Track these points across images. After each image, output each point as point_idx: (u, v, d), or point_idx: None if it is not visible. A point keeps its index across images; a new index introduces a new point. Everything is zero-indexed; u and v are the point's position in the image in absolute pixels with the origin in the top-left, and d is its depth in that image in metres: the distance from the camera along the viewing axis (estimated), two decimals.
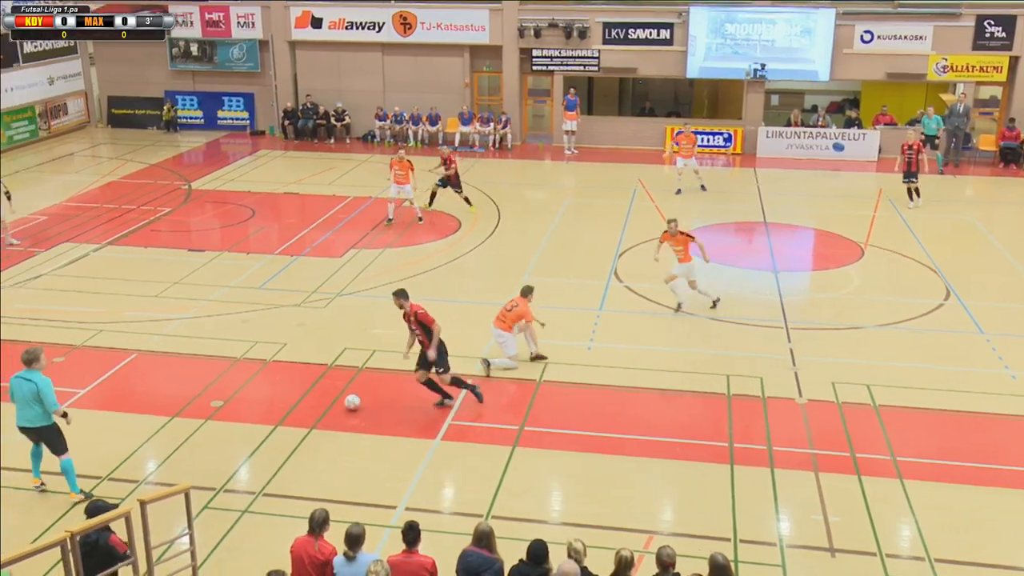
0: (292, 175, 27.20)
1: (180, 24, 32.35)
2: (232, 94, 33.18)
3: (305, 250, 20.58)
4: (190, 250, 20.60)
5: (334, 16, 31.33)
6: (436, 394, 13.74)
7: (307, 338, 15.90)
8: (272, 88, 32.48)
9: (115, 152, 30.39)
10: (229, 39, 32.34)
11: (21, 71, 30.73)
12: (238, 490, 11.67)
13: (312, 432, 12.98)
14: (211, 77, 33.04)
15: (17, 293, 18.02)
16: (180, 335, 16.02)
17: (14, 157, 29.44)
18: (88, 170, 27.98)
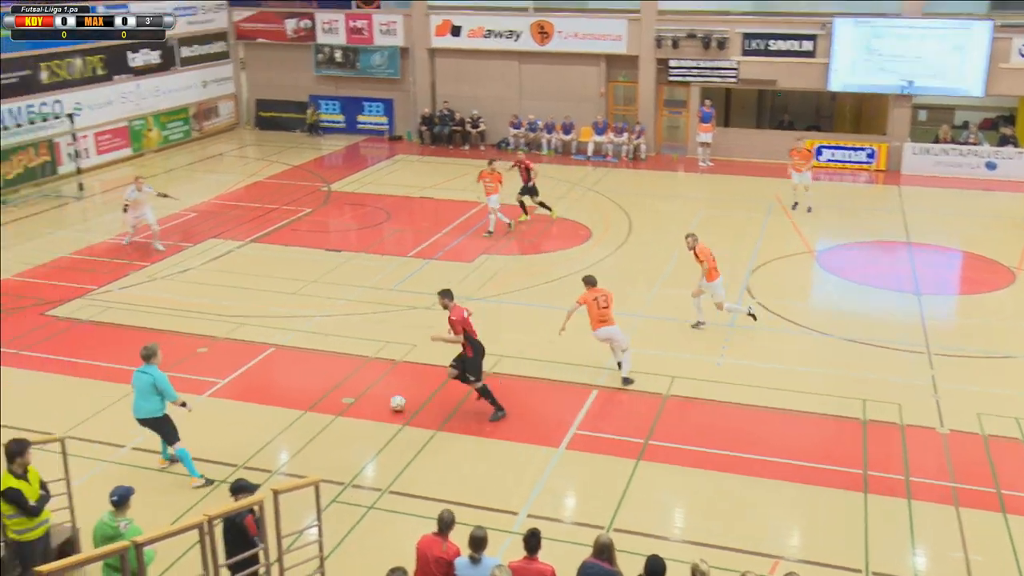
0: (427, 180, 27.66)
1: (326, 31, 33.40)
2: (372, 99, 33.99)
3: (437, 254, 20.88)
4: (328, 250, 21.17)
5: (473, 25, 31.75)
6: (491, 406, 13.57)
7: (421, 340, 16.08)
8: (411, 94, 33.13)
9: (261, 153, 31.53)
10: (371, 46, 33.16)
11: (178, 75, 32.23)
12: (365, 486, 11.90)
13: (438, 434, 13.14)
14: (353, 83, 33.93)
15: (167, 285, 18.87)
16: (316, 332, 16.46)
17: (168, 156, 30.88)
18: (235, 170, 29.11)
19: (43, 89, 26.80)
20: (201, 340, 16.15)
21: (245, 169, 29.32)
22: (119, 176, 28.26)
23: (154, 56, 30.99)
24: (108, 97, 29.20)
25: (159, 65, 31.27)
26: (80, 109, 27.82)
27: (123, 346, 15.91)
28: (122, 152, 29.87)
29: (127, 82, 29.91)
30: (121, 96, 29.72)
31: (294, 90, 34.49)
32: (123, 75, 29.74)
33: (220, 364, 15.24)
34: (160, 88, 31.36)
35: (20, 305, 17.74)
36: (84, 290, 18.49)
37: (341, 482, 11.89)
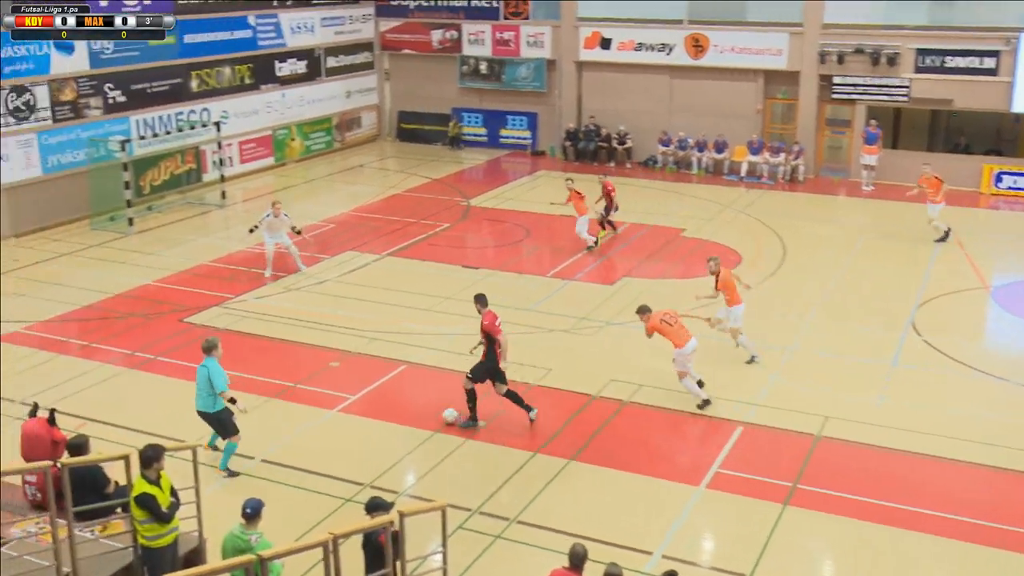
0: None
1: (472, 43, 33.94)
2: (516, 113, 34.29)
3: (577, 275, 20.81)
4: (465, 266, 21.39)
5: (624, 37, 31.67)
6: (522, 409, 14.01)
7: (573, 365, 16.02)
8: (556, 108, 33.28)
9: (401, 166, 32.23)
10: (517, 58, 33.49)
11: (323, 85, 33.30)
12: (493, 514, 11.88)
13: (571, 463, 13.02)
14: (497, 95, 34.33)
15: (303, 296, 19.43)
16: (449, 350, 16.61)
17: (310, 166, 31.91)
18: (375, 182, 29.82)
19: (192, 97, 28.13)
20: (334, 354, 16.52)
21: (385, 181, 30.00)
22: (260, 185, 29.35)
23: (300, 66, 32.13)
24: (254, 106, 30.41)
25: (305, 75, 32.40)
26: (227, 117, 29.05)
27: (256, 357, 16.43)
28: (265, 161, 31.03)
29: (273, 91, 31.09)
30: (267, 105, 30.90)
31: (437, 102, 35.14)
32: (270, 84, 30.93)
33: (351, 379, 15.54)
34: (305, 98, 32.48)
35: (159, 311, 18.56)
36: (221, 298, 19.20)
37: (468, 508, 11.91)
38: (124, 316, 18.35)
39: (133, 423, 13.93)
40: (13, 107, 23.27)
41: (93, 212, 24.66)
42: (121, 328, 17.77)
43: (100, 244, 23.09)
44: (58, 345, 17.02)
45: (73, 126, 24.71)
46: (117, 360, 16.39)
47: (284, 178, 30.25)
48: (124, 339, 17.30)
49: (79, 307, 18.86)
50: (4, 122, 23.12)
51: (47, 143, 24.15)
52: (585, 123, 32.58)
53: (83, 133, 24.92)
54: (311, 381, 15.48)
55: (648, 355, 16.40)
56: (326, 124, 33.67)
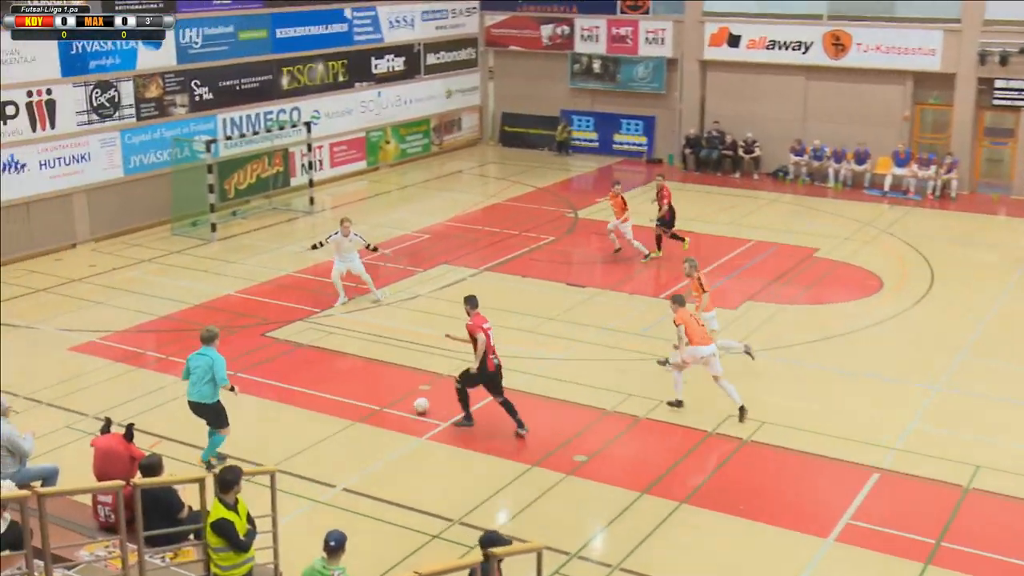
0: (688, 211, 27.46)
1: (585, 39, 34.07)
2: (631, 117, 34.26)
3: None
4: (569, 284, 21.43)
5: (755, 34, 31.40)
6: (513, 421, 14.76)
7: (687, 397, 15.90)
8: (676, 112, 33.15)
9: (503, 172, 32.49)
10: (635, 56, 33.48)
11: (421, 83, 33.83)
12: (593, 559, 11.86)
13: (682, 506, 12.92)
14: (611, 97, 34.37)
15: (393, 312, 19.74)
16: (549, 376, 16.66)
17: (404, 171, 32.42)
18: (474, 190, 30.12)
19: (282, 95, 28.89)
20: (424, 376, 16.73)
21: (485, 189, 30.27)
22: (351, 191, 29.94)
23: (398, 63, 32.70)
24: (347, 105, 31.06)
25: (402, 72, 32.97)
26: (318, 117, 29.75)
27: (342, 376, 16.74)
28: (357, 165, 31.65)
29: (368, 90, 31.72)
30: (361, 104, 31.54)
31: (544, 103, 35.35)
32: (364, 82, 31.56)
33: (442, 404, 15.72)
34: (402, 97, 33.04)
35: (241, 323, 19.08)
36: (306, 312, 19.64)
37: (566, 551, 11.91)
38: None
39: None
40: (97, 104, 24.27)
41: (174, 216, 25.51)
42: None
43: (181, 251, 23.86)
44: (134, 357, 17.63)
45: (157, 124, 25.64)
46: None
47: (376, 184, 30.81)
48: None
49: (157, 317, 19.51)
50: (88, 119, 24.12)
51: (130, 142, 25.11)
52: (708, 129, 32.37)
53: (167, 132, 25.83)
54: (399, 405, 15.70)
55: (773, 391, 16.17)
56: (423, 126, 34.18)
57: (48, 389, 16.27)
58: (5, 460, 11.38)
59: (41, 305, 20.27)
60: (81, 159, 24.11)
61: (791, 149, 30.97)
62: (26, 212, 23.15)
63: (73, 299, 20.56)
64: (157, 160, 25.69)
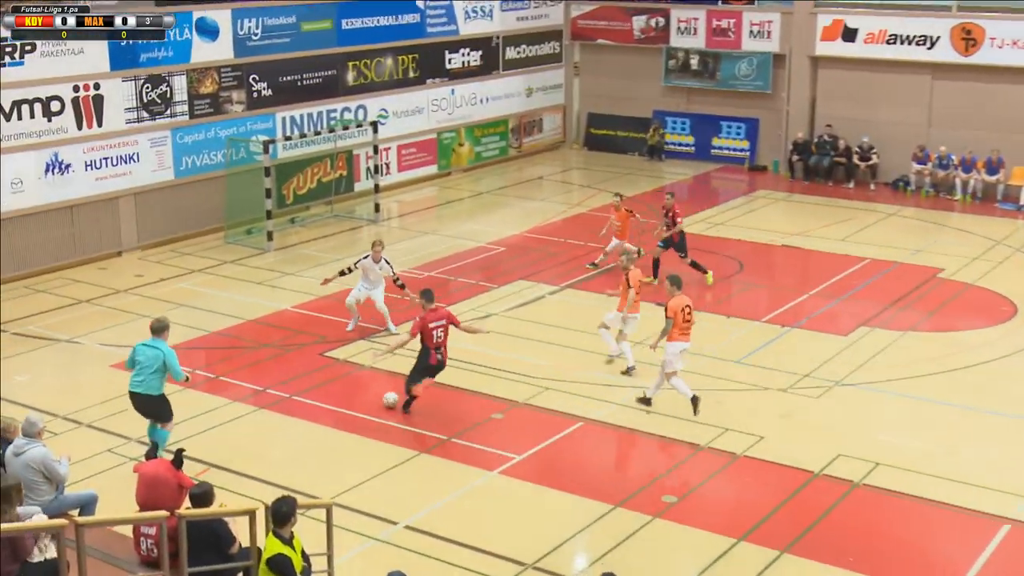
0: (795, 224, 27.21)
1: (682, 32, 33.97)
2: (732, 119, 34.04)
3: (801, 320, 20.43)
4: (660, 304, 21.29)
5: (873, 27, 31.02)
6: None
7: (792, 433, 15.70)
8: (782, 114, 32.86)
9: (588, 179, 32.48)
10: (737, 51, 33.28)
11: (500, 80, 34.00)
12: None
13: (783, 555, 12.74)
14: (709, 97, 34.19)
15: (462, 333, 19.76)
16: (635, 406, 16.56)
17: (478, 177, 32.57)
18: (556, 198, 30.14)
19: (347, 92, 29.24)
20: (497, 404, 16.74)
21: (567, 197, 30.27)
22: (420, 198, 30.16)
23: (475, 57, 32.90)
24: (417, 103, 31.33)
25: (479, 68, 33.17)
26: (386, 117, 30.06)
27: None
28: (426, 169, 31.88)
29: (441, 87, 31.97)
30: (432, 103, 31.79)
31: (635, 103, 35.30)
32: (437, 78, 31.81)
33: (516, 435, 15.70)
34: (478, 95, 33.24)
35: (297, 342, 19.29)
36: (369, 330, 19.78)
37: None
38: (257, 346, 19.14)
39: (261, 472, 14.48)
40: (148, 100, 24.78)
41: (228, 223, 25.92)
42: (253, 359, 18.55)
43: (234, 260, 24.23)
44: None
45: (211, 123, 26.11)
46: (247, 397, 17.12)
47: (448, 190, 30.98)
48: (256, 373, 18.05)
49: (206, 333, 19.80)
50: (137, 117, 24.64)
51: (182, 142, 25.60)
52: (819, 133, 32.04)
53: (222, 131, 26.30)
54: (469, 435, 15.72)
55: (889, 427, 15.91)
56: (501, 127, 34.34)
57: (89, 409, 16.60)
58: (39, 486, 11.59)
59: (83, 317, 20.71)
60: (129, 160, 24.64)
61: (913, 157, 30.47)
62: (70, 216, 23.72)
63: (117, 311, 20.98)
64: (210, 162, 26.16)
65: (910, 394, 17.20)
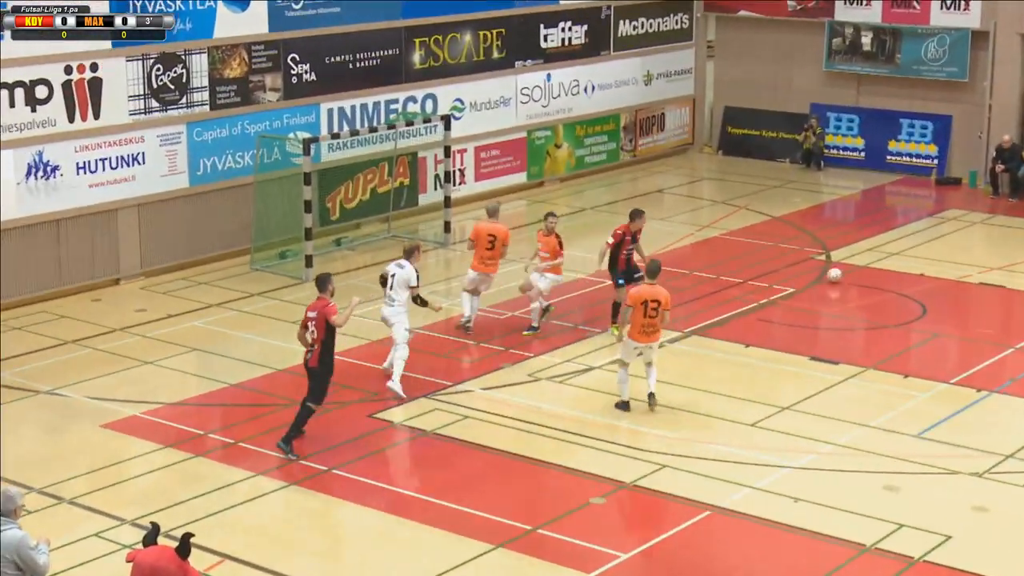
0: (998, 255, 26.83)
1: (850, 4, 33.76)
2: (916, 116, 33.76)
3: (1004, 383, 20.13)
4: (813, 358, 21.10)
5: None
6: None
7: (988, 532, 15.43)
8: (983, 110, 32.49)
9: (724, 193, 32.34)
10: (924, 28, 33.02)
11: (610, 63, 34.04)
12: None
13: None
14: (886, 86, 33.94)
15: (560, 390, 19.78)
16: (780, 492, 16.39)
17: (579, 188, 32.59)
18: (681, 217, 30.01)
19: (412, 78, 29.41)
20: (597, 484, 16.64)
21: (696, 217, 30.15)
22: (505, 215, 30.16)
23: (578, 33, 32.95)
24: (503, 93, 31.50)
25: (583, 47, 33.24)
26: (461, 109, 30.22)
27: (482, 480, 16.80)
28: (514, 178, 32.01)
29: (533, 71, 32.08)
30: (522, 92, 31.93)
31: (787, 95, 35.19)
32: (529, 60, 31.91)
33: (622, 527, 15.62)
34: (580, 82, 33.32)
35: (343, 398, 19.36)
36: (435, 385, 19.81)
37: None
38: (290, 403, 19.25)
39: (292, 567, 14.53)
40: (158, 85, 25.16)
41: (256, 245, 26.19)
42: (283, 421, 18.63)
43: (263, 292, 24.45)
44: (191, 442, 18.05)
45: (237, 116, 26.49)
46: (274, 469, 17.21)
47: (541, 204, 31.01)
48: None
49: (226, 385, 19.99)
50: (144, 107, 25.03)
51: (200, 140, 25.97)
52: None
53: (251, 126, 26.65)
54: (560, 525, 15.63)
55: None
56: (610, 125, 34.38)
57: (74, 481, 16.77)
58: None
59: (70, 363, 21.00)
60: (132, 161, 25.01)
61: None
62: (55, 233, 24.07)
63: (113, 356, 21.25)
64: (235, 166, 26.48)
65: None
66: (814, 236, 28.20)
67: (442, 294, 24.18)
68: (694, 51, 36.40)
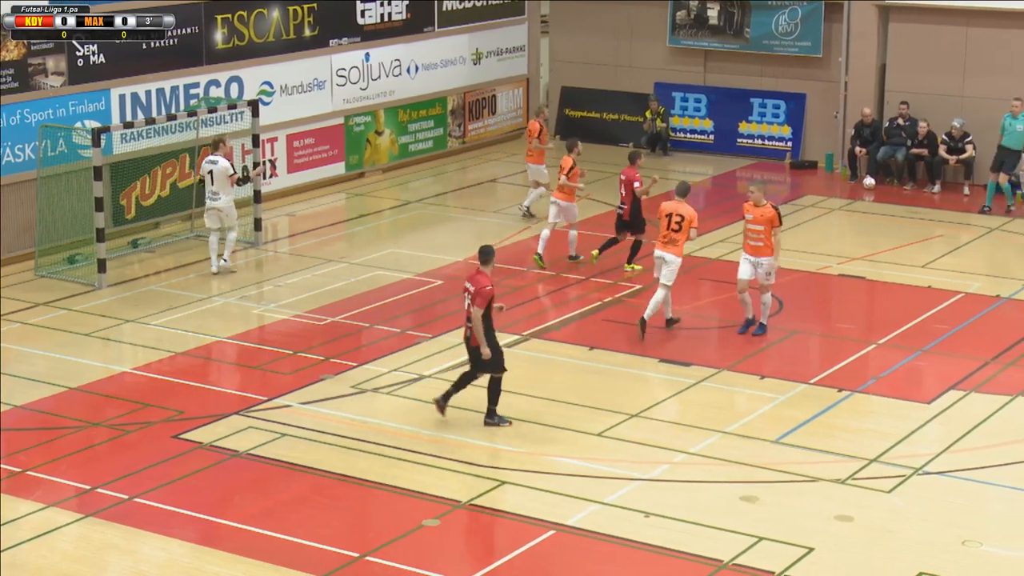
0: (858, 245, 27.36)
1: None
2: (768, 95, 34.29)
3: (866, 382, 20.61)
4: (663, 360, 21.37)
5: None
6: None
7: (853, 543, 15.76)
8: (839, 87, 33.09)
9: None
10: (774, 1, 33.64)
11: (434, 41, 34.02)
12: None
13: None
14: (735, 63, 34.44)
15: (386, 402, 19.80)
16: (630, 507, 16.57)
17: (405, 179, 32.59)
18: (516, 209, 30.12)
19: (214, 59, 29.14)
20: (429, 505, 16.68)
21: (535, 207, 30.31)
22: (321, 210, 30.12)
23: (398, 8, 32.88)
24: (315, 74, 31.35)
25: (404, 23, 33.21)
26: (270, 94, 30.02)
27: (304, 504, 16.74)
28: (330, 169, 31.92)
29: (350, 50, 32.02)
30: (338, 74, 31.83)
31: (629, 73, 35.53)
32: (345, 38, 31.83)
33: (457, 549, 15.70)
34: (402, 62, 33.31)
35: (143, 419, 19.15)
36: (248, 400, 19.70)
37: None
38: (85, 426, 19.00)
39: None
40: None
41: (41, 248, 25.76)
42: (77, 445, 18.37)
43: (50, 301, 24.05)
44: None
45: (16, 103, 25.95)
46: (67, 499, 16.94)
47: (361, 198, 30.99)
48: (82, 465, 17.84)
49: (10, 407, 19.54)
50: None
51: None
52: (891, 115, 32.25)
53: (32, 115, 26.16)
54: (392, 551, 15.64)
55: (989, 533, 16.04)
56: (436, 109, 34.44)
57: None
58: None
59: None
60: None
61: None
62: None
63: None
64: (14, 160, 26.02)
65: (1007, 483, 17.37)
66: None
67: (254, 299, 24.03)
68: (527, 27, 36.56)
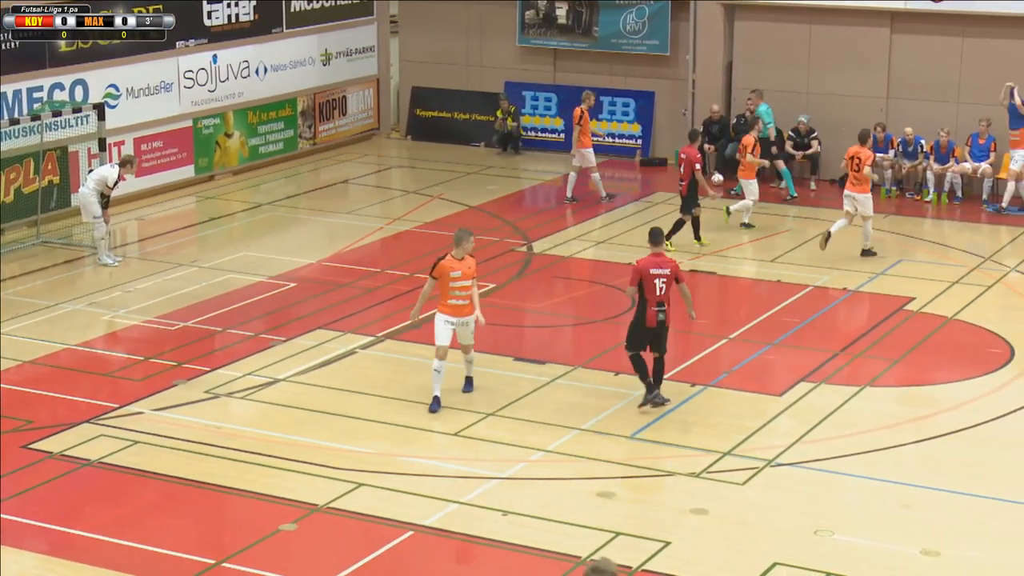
0: (712, 240, 27.58)
1: None
2: (617, 93, 34.47)
3: (718, 376, 20.80)
4: (517, 358, 21.43)
5: None
6: None
7: (708, 535, 15.91)
8: (687, 84, 33.36)
9: (416, 182, 32.56)
10: (621, 0, 33.83)
11: (282, 42, 33.83)
12: None
13: None
14: (585, 62, 34.56)
15: (241, 407, 19.65)
16: (488, 506, 16.57)
17: (256, 181, 32.33)
18: (369, 209, 30.03)
19: (59, 61, 28.66)
20: (285, 509, 16.59)
21: (387, 209, 30.21)
22: (172, 214, 29.80)
23: (245, 8, 32.66)
24: (162, 76, 31.02)
25: (252, 24, 32.99)
26: (117, 96, 29.65)
27: (158, 512, 16.56)
28: (179, 172, 31.59)
29: (196, 51, 31.72)
30: (185, 75, 31.53)
31: (479, 73, 35.55)
32: (192, 40, 31.53)
33: (315, 553, 15.59)
34: (250, 63, 33.10)
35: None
36: (98, 408, 19.43)
37: None
38: None
39: None
40: None
41: None
42: None
43: None
44: None
45: None
46: None
47: (212, 201, 30.71)
48: None
49: None
50: None
51: None
52: (739, 112, 32.58)
53: None
54: (249, 556, 15.52)
55: (845, 524, 16.23)
56: (286, 110, 34.25)
57: None
58: None
59: None
60: None
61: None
62: None
63: None
64: None
65: (872, 475, 17.57)
66: (514, 226, 28.57)
67: (104, 305, 23.72)
68: (376, 27, 36.48)
